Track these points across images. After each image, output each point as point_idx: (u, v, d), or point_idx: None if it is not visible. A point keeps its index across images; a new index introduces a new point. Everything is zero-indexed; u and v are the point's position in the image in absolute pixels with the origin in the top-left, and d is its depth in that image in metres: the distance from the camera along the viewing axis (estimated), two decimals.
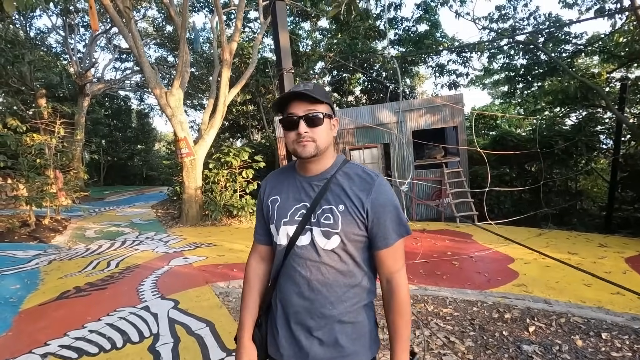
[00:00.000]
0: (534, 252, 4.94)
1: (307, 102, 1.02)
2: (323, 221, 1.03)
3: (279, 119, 1.08)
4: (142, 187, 21.84)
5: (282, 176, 1.17)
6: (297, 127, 1.01)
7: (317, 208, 1.05)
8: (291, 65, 3.20)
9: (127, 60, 20.68)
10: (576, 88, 7.22)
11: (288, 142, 1.06)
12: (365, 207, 1.02)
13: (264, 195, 1.17)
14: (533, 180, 8.50)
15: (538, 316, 3.24)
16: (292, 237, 1.06)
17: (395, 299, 1.05)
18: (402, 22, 11.42)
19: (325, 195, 1.05)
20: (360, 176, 1.08)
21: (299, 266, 1.05)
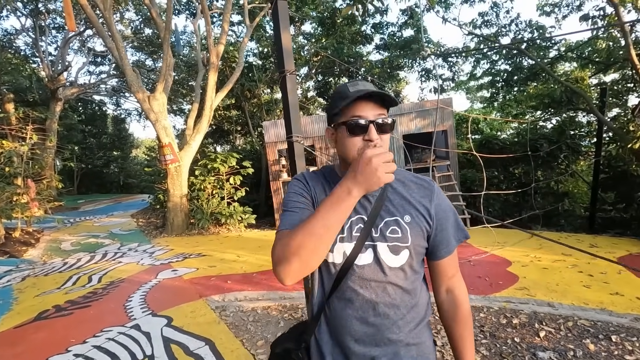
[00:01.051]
0: (529, 254, 4.96)
1: (376, 105, 0.89)
2: (389, 235, 0.93)
3: (339, 122, 0.91)
4: (119, 195, 21.00)
5: (323, 181, 1.02)
6: (367, 133, 0.87)
7: (378, 220, 0.93)
8: (294, 67, 3.07)
9: (102, 63, 19.95)
10: (562, 92, 7.45)
11: (349, 149, 0.89)
12: (432, 215, 0.97)
13: (312, 193, 0.99)
14: (519, 182, 8.68)
15: (545, 320, 3.22)
16: (350, 256, 0.92)
17: (460, 310, 1.02)
18: (387, 27, 11.54)
19: (385, 206, 0.95)
20: (415, 182, 1.02)
21: (362, 288, 0.92)
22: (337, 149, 0.96)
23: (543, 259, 4.83)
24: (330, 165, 1.07)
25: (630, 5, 5.89)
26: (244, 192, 8.44)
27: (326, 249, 0.79)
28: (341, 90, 0.92)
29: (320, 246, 0.77)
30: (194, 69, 13.22)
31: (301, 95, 14.80)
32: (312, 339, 1.00)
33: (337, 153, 0.99)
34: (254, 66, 11.45)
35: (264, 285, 4.44)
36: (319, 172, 1.06)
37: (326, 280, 0.97)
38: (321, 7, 11.22)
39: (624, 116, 7.24)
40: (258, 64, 11.96)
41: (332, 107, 0.93)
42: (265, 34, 12.27)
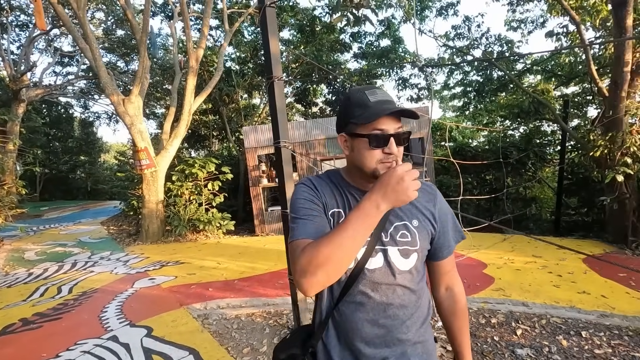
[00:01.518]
0: (503, 256, 5.17)
1: (396, 119, 0.90)
2: (400, 239, 0.96)
3: (359, 132, 0.90)
4: (86, 202, 20.03)
5: (331, 186, 1.01)
6: (387, 145, 0.88)
7: (388, 225, 0.96)
8: (282, 73, 3.09)
9: (69, 64, 19.10)
10: (529, 103, 7.91)
11: (368, 160, 0.90)
12: (436, 219, 1.02)
13: (322, 199, 0.97)
14: (490, 188, 9.06)
15: (521, 319, 3.38)
16: (362, 260, 0.93)
17: (459, 304, 1.08)
18: (365, 37, 11.83)
19: (393, 211, 0.97)
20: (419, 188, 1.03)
21: (373, 291, 0.95)
22: (351, 156, 0.96)
23: (516, 261, 5.06)
24: (336, 169, 1.07)
25: (589, 23, 6.39)
26: (222, 198, 8.30)
27: (351, 261, 0.79)
28: (359, 97, 0.92)
29: (347, 259, 0.77)
30: (169, 72, 12.92)
31: None
32: (319, 343, 1.01)
33: (349, 160, 0.98)
34: (233, 71, 11.36)
35: (247, 292, 4.39)
36: (325, 177, 1.05)
37: (335, 286, 0.97)
38: (300, 15, 11.34)
39: (584, 126, 7.77)
40: (236, 69, 11.87)
41: (349, 114, 0.92)
42: (243, 39, 12.22)
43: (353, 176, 1.00)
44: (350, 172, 1.01)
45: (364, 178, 0.97)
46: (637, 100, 5.54)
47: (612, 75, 5.50)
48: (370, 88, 0.94)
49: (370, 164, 0.90)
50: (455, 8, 11.11)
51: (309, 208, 0.93)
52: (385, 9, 9.96)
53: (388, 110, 0.86)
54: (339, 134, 0.99)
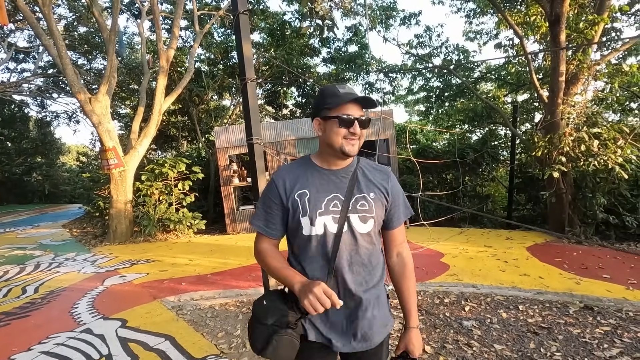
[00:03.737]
0: (458, 247, 5.65)
1: (359, 107, 1.14)
2: (359, 208, 1.16)
3: (330, 115, 1.12)
4: (43, 205, 18.98)
5: (300, 170, 1.21)
6: (352, 127, 1.11)
7: (351, 197, 1.16)
8: (254, 75, 3.33)
9: (25, 60, 18.08)
10: (482, 108, 8.61)
11: (334, 136, 1.12)
12: (389, 193, 1.23)
13: (284, 190, 1.18)
14: (450, 187, 9.70)
15: (470, 298, 3.80)
16: (339, 226, 1.14)
17: (408, 268, 1.27)
18: (333, 42, 12.26)
19: (357, 185, 1.19)
20: (376, 168, 1.28)
21: (330, 246, 1.15)
22: (323, 137, 1.17)
23: (470, 251, 5.56)
24: (307, 155, 1.27)
25: (531, 37, 7.12)
26: (193, 197, 8.32)
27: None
28: (332, 89, 1.15)
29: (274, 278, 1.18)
30: (135, 71, 12.67)
31: None
32: None
33: (321, 140, 1.20)
34: (203, 72, 11.36)
35: (220, 285, 4.54)
36: (297, 163, 1.25)
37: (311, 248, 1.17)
38: (271, 20, 11.57)
39: (531, 129, 8.57)
40: (206, 70, 11.87)
41: (323, 102, 1.15)
42: (214, 41, 12.25)
43: (323, 156, 1.21)
44: (321, 153, 1.22)
45: (332, 155, 1.18)
46: (572, 107, 6.26)
47: (549, 84, 6.20)
48: (340, 83, 1.20)
49: (337, 140, 1.12)
50: (418, 18, 11.81)
51: (267, 204, 1.21)
52: (352, 17, 10.46)
53: (353, 96, 1.11)
54: (314, 118, 1.19)
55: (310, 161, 1.24)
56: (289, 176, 1.20)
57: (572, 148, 5.55)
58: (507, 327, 3.13)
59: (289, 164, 1.26)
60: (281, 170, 1.23)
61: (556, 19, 5.62)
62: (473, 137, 11.13)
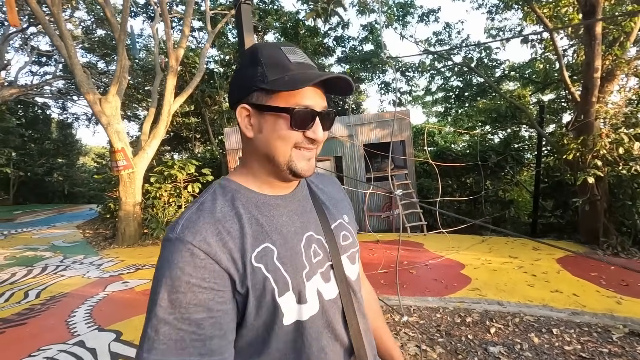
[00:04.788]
0: (480, 257, 5.24)
1: (323, 95, 0.67)
2: (344, 243, 0.75)
3: (275, 105, 0.63)
4: (62, 205, 19.39)
5: (231, 210, 0.64)
6: (312, 127, 0.65)
7: (331, 230, 0.75)
8: None
9: (47, 64, 18.53)
10: (506, 108, 8.13)
11: (284, 145, 0.64)
12: (352, 211, 0.87)
13: (229, 257, 0.59)
14: (470, 191, 9.21)
15: (495, 317, 3.41)
16: (340, 284, 0.71)
17: (376, 302, 0.95)
18: (348, 41, 11.96)
19: (326, 208, 0.77)
20: (323, 177, 0.88)
21: (338, 323, 0.70)
22: (256, 140, 0.66)
23: (493, 262, 5.13)
24: (225, 181, 0.69)
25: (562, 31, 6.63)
26: None
27: None
28: (274, 54, 0.64)
29: None
30: (151, 73, 12.73)
31: None
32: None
33: (252, 146, 0.68)
34: (215, 73, 11.26)
35: None
36: (216, 197, 0.66)
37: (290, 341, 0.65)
38: (284, 18, 11.37)
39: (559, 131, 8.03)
40: (220, 71, 11.77)
41: (257, 76, 0.63)
42: (227, 42, 12.15)
43: (258, 175, 0.69)
44: (254, 171, 0.70)
45: (273, 174, 0.69)
46: (608, 105, 5.74)
47: (583, 81, 5.70)
48: (288, 45, 0.67)
49: (285, 150, 0.64)
50: (437, 14, 11.39)
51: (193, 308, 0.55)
52: (368, 14, 10.12)
53: (322, 76, 0.62)
54: (237, 104, 0.67)
55: (240, 188, 0.68)
56: (221, 227, 0.61)
57: (609, 151, 5.04)
58: (541, 355, 2.74)
59: (208, 208, 0.63)
60: (198, 223, 0.60)
61: (591, 10, 5.14)
62: (495, 139, 10.59)
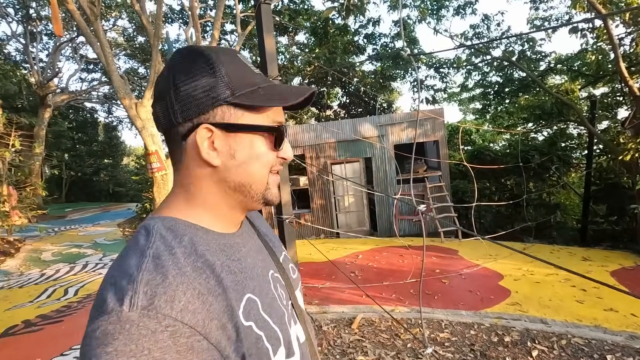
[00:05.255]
0: (521, 267, 4.84)
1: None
2: (294, 277, 0.70)
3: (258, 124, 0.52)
4: (108, 203, 20.60)
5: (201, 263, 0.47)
6: (282, 147, 0.56)
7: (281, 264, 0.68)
8: (277, 72, 2.96)
9: (94, 70, 19.78)
10: (552, 104, 7.50)
11: (264, 170, 0.54)
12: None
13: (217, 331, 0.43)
14: (510, 194, 8.62)
15: (538, 338, 3.09)
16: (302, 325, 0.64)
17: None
18: (380, 38, 11.63)
19: (272, 242, 0.69)
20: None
21: None
22: (227, 167, 0.52)
23: (535, 273, 4.72)
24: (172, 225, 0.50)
25: (618, 18, 5.96)
26: None
27: None
28: (233, 60, 0.52)
29: None
30: None
31: None
32: None
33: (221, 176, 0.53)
34: None
35: None
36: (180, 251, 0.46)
37: None
38: (314, 18, 11.28)
39: (614, 128, 7.27)
40: None
41: (219, 86, 0.50)
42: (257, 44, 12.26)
43: (212, 211, 0.54)
44: (209, 204, 0.54)
45: (238, 206, 0.56)
46: None
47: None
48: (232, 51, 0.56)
49: (264, 175, 0.54)
50: (474, 6, 10.75)
51: None
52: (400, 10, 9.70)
53: (309, 91, 0.54)
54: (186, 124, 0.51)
55: (195, 230, 0.51)
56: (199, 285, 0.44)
57: None
58: None
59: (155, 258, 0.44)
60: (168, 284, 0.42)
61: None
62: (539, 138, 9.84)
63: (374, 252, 6.19)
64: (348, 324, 3.56)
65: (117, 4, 15.34)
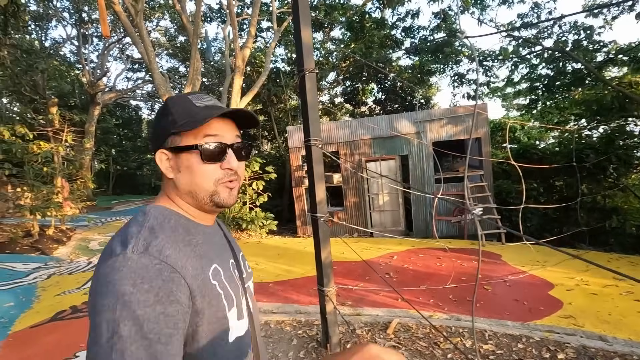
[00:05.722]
0: (574, 277, 4.43)
1: (233, 125, 0.75)
2: (249, 271, 0.90)
3: (185, 144, 0.70)
4: (150, 196, 21.69)
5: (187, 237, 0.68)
6: (224, 159, 0.72)
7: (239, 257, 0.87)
8: (314, 65, 2.86)
9: (139, 70, 20.84)
10: (612, 98, 6.80)
11: (204, 181, 0.71)
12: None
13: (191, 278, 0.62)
14: (560, 196, 7.99)
15: (598, 357, 2.77)
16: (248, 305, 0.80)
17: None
18: (418, 31, 11.16)
19: (232, 243, 0.89)
20: None
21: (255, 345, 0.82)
22: (178, 179, 0.72)
23: (591, 283, 4.30)
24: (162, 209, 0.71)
25: None
26: (266, 197, 8.32)
27: None
28: (182, 104, 0.71)
29: None
30: (223, 75, 13.45)
31: (328, 101, 14.70)
32: None
33: (177, 186, 0.72)
34: (282, 72, 11.43)
35: (280, 297, 4.23)
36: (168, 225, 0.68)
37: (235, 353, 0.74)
38: (351, 12, 11.06)
39: None
40: (285, 70, 11.95)
41: (168, 126, 0.70)
42: (293, 40, 12.26)
43: (187, 209, 0.74)
44: (180, 204, 0.74)
45: (196, 207, 0.74)
46: None
47: None
48: (196, 93, 0.76)
49: (206, 184, 0.71)
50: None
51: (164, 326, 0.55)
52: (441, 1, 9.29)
53: (221, 111, 0.70)
54: (157, 151, 0.73)
55: (179, 215, 0.72)
56: (182, 245, 0.65)
57: None
58: None
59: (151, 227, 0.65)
60: (158, 241, 0.62)
61: None
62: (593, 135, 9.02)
63: (409, 254, 5.97)
64: (383, 328, 3.42)
65: (160, 5, 15.98)
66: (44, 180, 8.31)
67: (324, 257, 2.90)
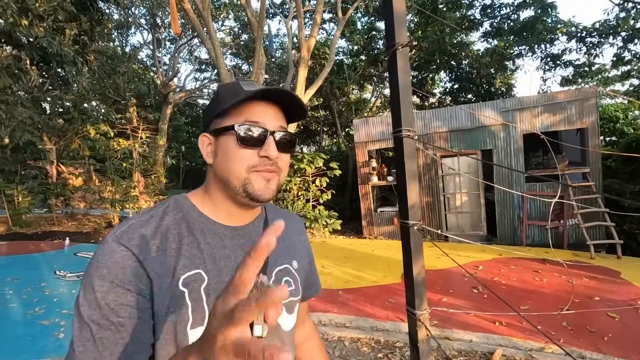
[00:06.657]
0: None
1: (278, 113, 0.66)
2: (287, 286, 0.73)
3: (223, 126, 0.64)
4: None
5: (177, 235, 0.63)
6: (264, 147, 0.63)
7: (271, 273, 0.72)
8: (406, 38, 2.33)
9: (205, 70, 21.88)
10: None
11: (237, 165, 0.63)
12: (309, 253, 0.87)
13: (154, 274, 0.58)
14: None
15: None
16: None
17: (317, 335, 0.95)
18: (499, 10, 9.81)
19: (275, 252, 0.72)
20: (286, 214, 0.84)
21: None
22: (214, 165, 0.66)
23: None
24: (181, 198, 0.69)
25: None
26: (329, 195, 7.95)
27: None
28: (230, 87, 0.67)
29: None
30: (285, 70, 13.38)
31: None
32: None
33: (213, 173, 0.67)
34: (345, 64, 10.97)
35: (352, 308, 3.79)
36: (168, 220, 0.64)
37: None
38: None
39: None
40: (348, 62, 11.47)
41: (214, 107, 0.67)
42: (356, 30, 11.69)
43: (216, 201, 0.68)
44: (212, 196, 0.68)
45: (230, 199, 0.67)
46: None
47: None
48: (248, 81, 0.70)
49: (239, 170, 0.63)
50: None
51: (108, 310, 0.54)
52: None
53: (264, 90, 0.61)
54: (202, 135, 0.69)
55: (192, 209, 0.67)
56: (159, 242, 0.61)
57: None
58: None
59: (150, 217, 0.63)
60: (138, 231, 0.60)
61: None
62: None
63: (497, 264, 5.16)
64: (483, 359, 2.81)
65: (225, 5, 16.45)
66: (123, 175, 8.86)
67: (416, 273, 2.36)
